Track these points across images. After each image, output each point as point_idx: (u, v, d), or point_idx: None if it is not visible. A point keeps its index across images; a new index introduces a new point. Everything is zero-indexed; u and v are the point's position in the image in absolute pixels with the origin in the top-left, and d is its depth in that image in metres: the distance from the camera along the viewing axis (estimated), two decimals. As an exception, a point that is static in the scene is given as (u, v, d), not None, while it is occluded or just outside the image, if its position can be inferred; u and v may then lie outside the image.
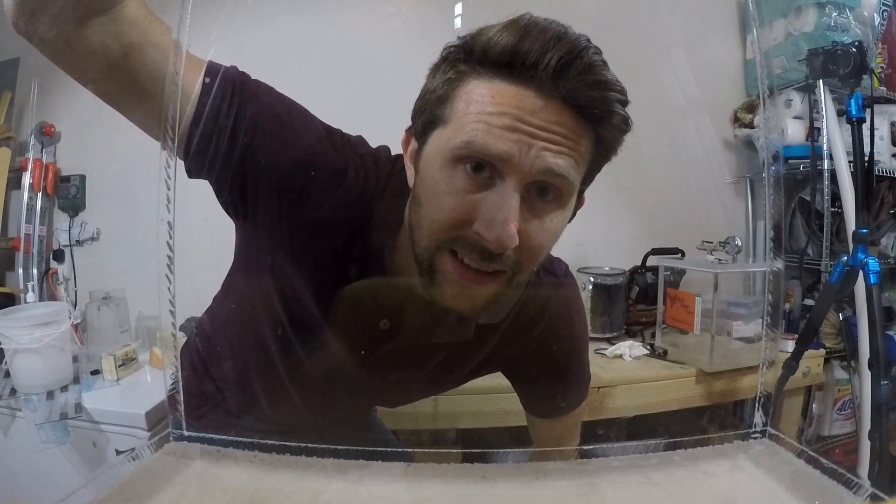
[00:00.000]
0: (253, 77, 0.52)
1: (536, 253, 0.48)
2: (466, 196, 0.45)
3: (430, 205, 0.47)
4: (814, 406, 1.62)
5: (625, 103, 0.45)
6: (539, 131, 0.43)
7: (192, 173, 0.50)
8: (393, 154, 0.59)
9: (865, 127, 1.27)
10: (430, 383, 0.71)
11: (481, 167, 0.44)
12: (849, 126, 1.28)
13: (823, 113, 1.54)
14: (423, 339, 0.60)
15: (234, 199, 0.53)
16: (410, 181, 0.51)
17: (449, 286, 0.48)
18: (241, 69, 0.51)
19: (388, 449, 0.50)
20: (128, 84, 0.46)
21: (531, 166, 0.43)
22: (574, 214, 0.52)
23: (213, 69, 0.49)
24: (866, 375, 1.27)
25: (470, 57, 0.45)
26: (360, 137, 0.58)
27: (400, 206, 0.54)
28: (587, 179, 0.50)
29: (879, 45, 1.67)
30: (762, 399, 0.55)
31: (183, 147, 0.48)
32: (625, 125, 0.46)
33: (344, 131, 0.57)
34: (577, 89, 0.42)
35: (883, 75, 1.67)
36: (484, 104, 0.43)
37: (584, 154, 0.46)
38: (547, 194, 0.46)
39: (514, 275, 0.48)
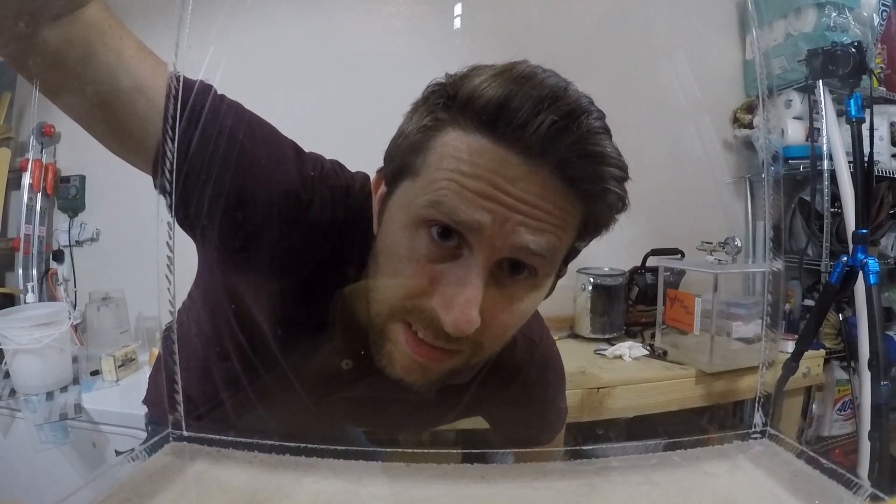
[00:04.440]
0: (220, 92, 0.46)
1: (500, 335, 0.44)
2: (427, 265, 0.39)
3: (388, 267, 0.42)
4: (814, 406, 1.61)
5: (623, 180, 0.39)
6: (518, 203, 0.37)
7: (157, 187, 0.46)
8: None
9: (865, 127, 1.27)
10: (391, 426, 0.68)
11: (449, 233, 0.38)
12: (848, 126, 1.28)
13: (823, 113, 1.54)
14: (380, 388, 0.52)
15: (189, 219, 0.47)
16: (375, 228, 0.46)
17: (400, 357, 0.43)
18: (206, 82, 0.46)
19: (389, 449, 0.50)
20: (86, 94, 0.41)
21: (504, 241, 0.38)
22: (553, 287, 0.46)
23: (183, 83, 0.44)
24: (866, 376, 1.27)
25: (451, 103, 0.39)
26: (335, 162, 0.52)
27: (366, 245, 0.47)
28: (570, 256, 0.44)
29: (879, 46, 1.67)
30: (762, 399, 0.55)
31: (152, 166, 0.45)
32: (620, 204, 0.40)
33: (319, 156, 0.52)
34: (568, 160, 0.37)
35: (882, 75, 1.67)
36: (459, 161, 0.37)
37: (569, 232, 0.40)
38: (520, 272, 0.40)
39: (473, 354, 0.43)
